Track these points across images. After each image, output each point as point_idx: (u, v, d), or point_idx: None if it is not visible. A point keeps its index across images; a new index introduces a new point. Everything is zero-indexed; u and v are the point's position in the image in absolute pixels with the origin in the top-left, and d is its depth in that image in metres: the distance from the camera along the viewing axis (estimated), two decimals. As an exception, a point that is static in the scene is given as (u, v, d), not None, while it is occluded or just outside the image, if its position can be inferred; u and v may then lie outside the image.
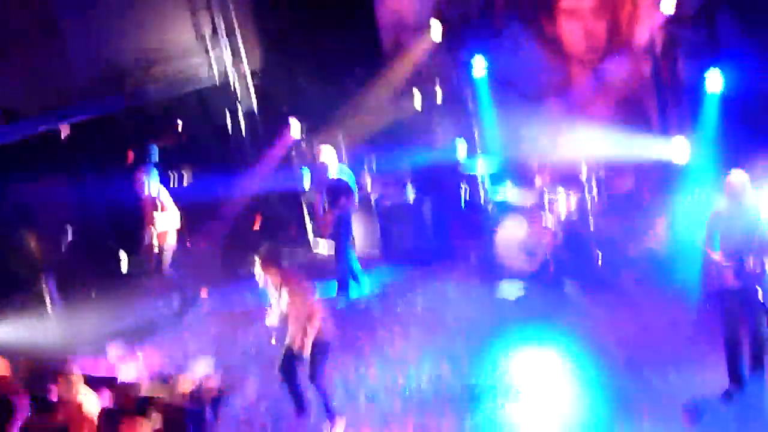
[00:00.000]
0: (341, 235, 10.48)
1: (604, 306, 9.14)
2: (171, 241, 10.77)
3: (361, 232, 12.11)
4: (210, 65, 14.30)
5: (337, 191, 10.43)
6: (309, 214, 12.60)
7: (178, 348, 10.19)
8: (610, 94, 11.07)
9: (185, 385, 9.02)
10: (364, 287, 10.63)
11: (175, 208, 10.78)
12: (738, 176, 6.99)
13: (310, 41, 13.49)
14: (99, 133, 12.90)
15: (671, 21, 10.07)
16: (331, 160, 10.46)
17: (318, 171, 10.86)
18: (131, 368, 9.82)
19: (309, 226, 12.65)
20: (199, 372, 9.35)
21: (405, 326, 9.61)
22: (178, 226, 10.79)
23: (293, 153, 12.64)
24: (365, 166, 12.08)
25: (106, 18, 13.10)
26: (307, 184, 12.35)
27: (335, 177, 10.43)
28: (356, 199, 10.51)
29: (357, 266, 10.66)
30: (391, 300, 10.46)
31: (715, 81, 9.40)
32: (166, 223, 10.65)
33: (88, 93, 13.04)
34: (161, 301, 11.31)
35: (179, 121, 13.90)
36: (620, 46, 10.78)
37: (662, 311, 8.76)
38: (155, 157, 13.66)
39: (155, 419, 6.40)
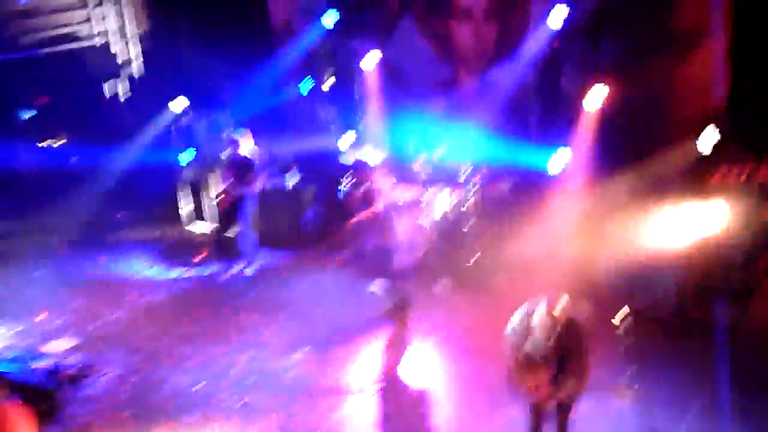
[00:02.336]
0: (244, 214, 10.54)
1: (471, 305, 9.32)
2: None
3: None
4: (92, 24, 13.73)
5: (245, 168, 10.49)
6: (184, 191, 12.31)
7: (36, 322, 9.77)
8: (494, 98, 11.29)
9: (42, 361, 8.74)
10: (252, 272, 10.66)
11: None
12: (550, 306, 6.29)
13: (200, 13, 13.17)
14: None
15: (558, 35, 10.37)
16: (246, 139, 10.57)
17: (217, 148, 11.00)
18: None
19: (182, 203, 12.34)
20: (59, 349, 9.06)
21: (273, 313, 9.54)
22: None
23: (173, 127, 12.29)
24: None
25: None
26: (188, 160, 12.05)
27: (245, 155, 10.51)
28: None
29: (252, 247, 10.74)
30: (261, 285, 10.37)
31: (594, 96, 9.79)
32: None
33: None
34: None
35: (52, 80, 13.27)
36: (508, 53, 11.01)
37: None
38: (24, 116, 13.08)
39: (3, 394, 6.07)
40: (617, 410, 7.19)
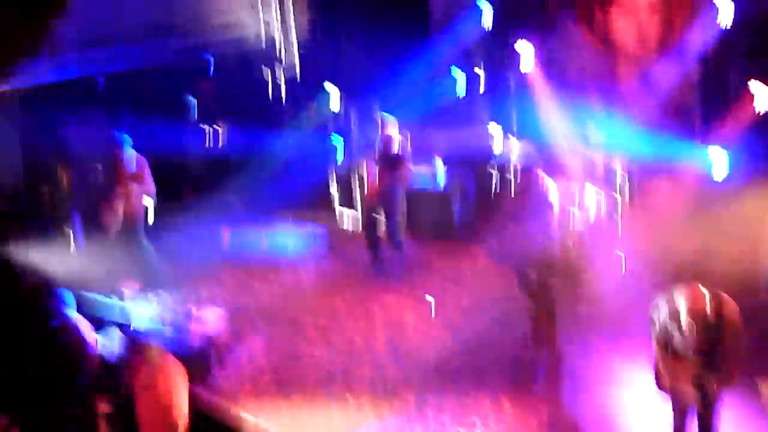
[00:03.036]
0: (395, 204, 10.43)
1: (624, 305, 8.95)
2: (139, 213, 10.32)
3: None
4: (258, 26, 14.30)
5: (397, 162, 10.40)
6: (336, 184, 12.57)
7: (190, 294, 10.21)
8: (655, 95, 10.89)
9: (195, 326, 9.10)
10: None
11: (151, 180, 10.35)
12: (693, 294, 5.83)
13: (360, 12, 13.44)
14: (140, 80, 12.93)
15: (727, 28, 9.89)
16: (394, 128, 10.52)
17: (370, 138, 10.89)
18: (142, 308, 9.89)
19: (335, 196, 12.60)
20: (210, 316, 9.42)
21: (417, 297, 9.55)
22: (152, 200, 10.37)
23: (330, 122, 12.60)
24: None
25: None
26: (340, 154, 12.31)
27: (397, 149, 10.45)
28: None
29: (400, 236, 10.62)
30: (408, 271, 10.42)
31: (763, 95, 9.25)
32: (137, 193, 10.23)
33: (135, 38, 13.08)
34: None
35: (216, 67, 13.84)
36: (672, 47, 10.60)
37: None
38: (192, 111, 13.71)
39: (155, 353, 6.35)
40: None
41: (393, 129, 10.55)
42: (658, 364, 6.06)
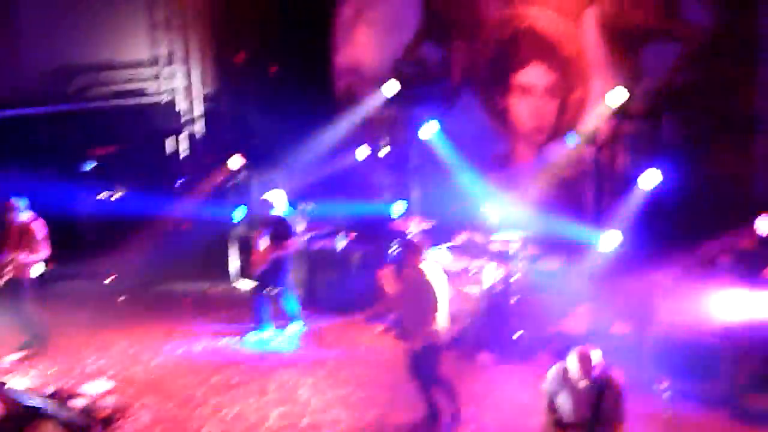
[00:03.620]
0: (282, 274, 10.36)
1: (515, 381, 9.10)
2: (26, 274, 9.83)
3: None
4: (159, 82, 14.21)
5: (282, 230, 10.30)
6: (234, 247, 12.45)
7: (76, 363, 9.83)
8: (550, 174, 11.25)
9: (78, 401, 8.74)
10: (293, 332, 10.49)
11: (46, 241, 9.89)
12: (583, 350, 6.12)
13: (265, 76, 13.54)
14: (32, 133, 12.62)
15: (617, 114, 10.33)
16: (280, 199, 10.43)
17: (261, 207, 10.67)
18: (24, 378, 9.46)
19: (231, 260, 12.47)
20: (94, 390, 9.06)
21: (311, 372, 9.43)
22: (43, 259, 9.90)
23: (230, 185, 12.50)
24: (300, 209, 12.01)
25: (64, 19, 13.00)
26: (240, 218, 12.23)
27: (282, 216, 10.37)
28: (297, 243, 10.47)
29: (293, 307, 10.54)
30: (301, 344, 10.31)
31: (650, 179, 9.67)
32: (30, 254, 9.76)
33: (32, 90, 12.80)
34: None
35: (115, 133, 13.65)
36: (566, 130, 11.00)
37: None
38: (89, 166, 13.43)
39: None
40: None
41: (275, 198, 10.42)
42: (546, 427, 6.22)
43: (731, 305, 8.18)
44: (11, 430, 8.09)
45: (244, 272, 12.33)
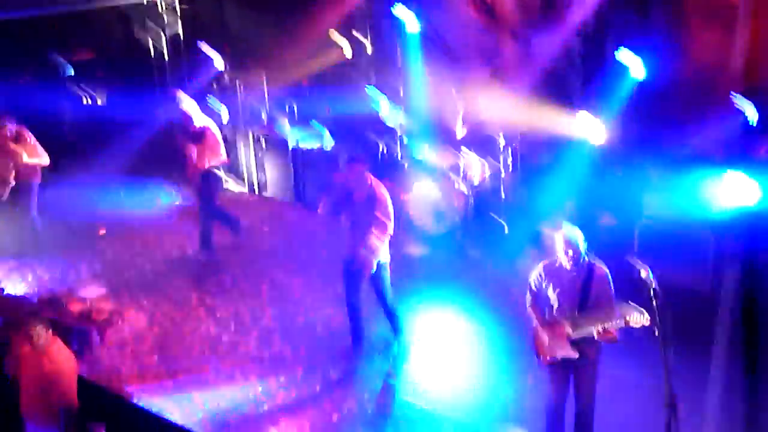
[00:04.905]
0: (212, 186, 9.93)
1: (504, 273, 9.24)
2: (34, 179, 10.05)
3: (274, 176, 12.03)
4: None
5: (200, 138, 9.59)
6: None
7: (72, 268, 9.91)
8: (536, 66, 11.11)
9: (75, 304, 8.86)
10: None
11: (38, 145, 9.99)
12: (569, 232, 6.13)
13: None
14: (7, 36, 12.32)
15: (605, 2, 10.16)
16: (192, 107, 9.75)
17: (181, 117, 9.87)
18: (21, 283, 9.57)
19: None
20: (91, 294, 9.19)
21: (307, 272, 9.53)
22: (44, 163, 10.04)
23: (214, 85, 12.34)
24: (285, 109, 11.92)
25: None
26: (224, 118, 12.13)
27: (202, 125, 9.66)
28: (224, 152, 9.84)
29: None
30: (295, 245, 10.37)
31: (638, 67, 9.57)
32: (29, 157, 9.88)
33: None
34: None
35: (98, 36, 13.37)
36: (553, 20, 10.81)
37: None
38: (68, 71, 13.20)
39: (40, 333, 6.20)
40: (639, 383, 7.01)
41: (189, 104, 9.78)
42: (537, 334, 6.24)
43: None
44: (8, 336, 8.24)
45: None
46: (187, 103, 9.67)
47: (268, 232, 10.79)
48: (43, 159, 9.99)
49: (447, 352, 7.86)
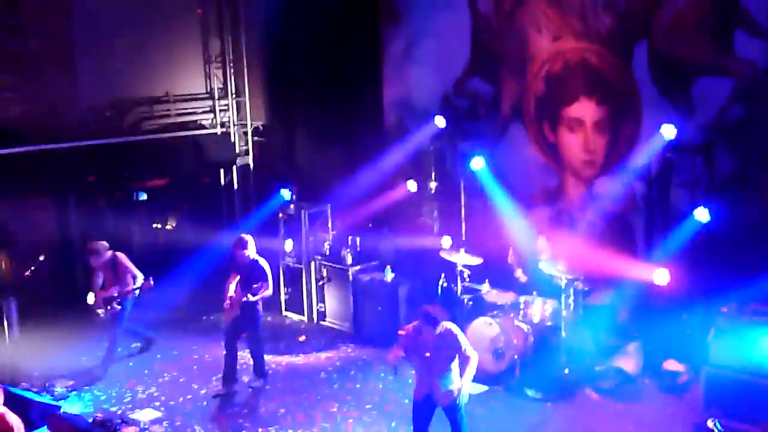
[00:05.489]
0: (257, 319, 9.97)
1: (563, 418, 8.99)
2: (128, 299, 10.52)
3: (335, 305, 12.10)
4: (214, 114, 14.52)
5: (255, 275, 9.77)
6: (284, 280, 12.60)
7: (128, 390, 9.97)
8: (600, 209, 11.16)
9: (129, 428, 8.85)
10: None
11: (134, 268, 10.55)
12: None
13: (315, 107, 13.70)
14: (91, 163, 12.92)
15: (670, 147, 10.24)
16: (251, 243, 9.85)
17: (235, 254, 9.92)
18: (77, 403, 9.63)
19: (282, 292, 12.60)
20: (145, 417, 9.19)
21: (361, 406, 9.41)
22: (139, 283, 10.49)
23: (280, 215, 12.63)
24: (348, 241, 12.11)
25: (121, 52, 13.34)
26: (288, 248, 12.36)
27: (254, 259, 9.83)
28: (271, 287, 9.94)
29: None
30: (349, 377, 10.30)
31: (703, 213, 9.54)
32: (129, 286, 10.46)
33: (88, 121, 13.14)
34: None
35: (170, 165, 13.90)
36: (617, 163, 10.92)
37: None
38: (140, 196, 13.70)
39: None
40: None
41: (251, 244, 9.83)
42: None
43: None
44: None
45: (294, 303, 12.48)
46: (251, 248, 9.82)
47: (324, 360, 10.72)
48: (138, 280, 10.46)
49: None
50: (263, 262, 9.82)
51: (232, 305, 9.71)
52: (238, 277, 9.83)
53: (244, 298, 9.60)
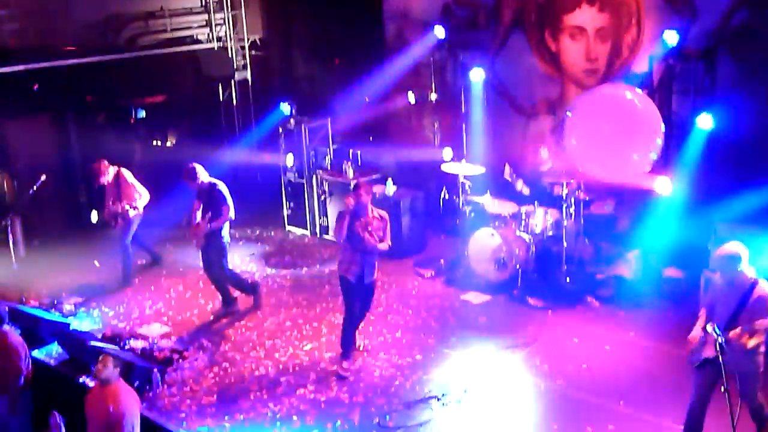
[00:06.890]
0: (223, 248, 9.64)
1: (564, 325, 9.14)
2: (136, 215, 10.66)
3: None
4: (211, 29, 14.29)
5: (212, 199, 9.45)
6: (286, 194, 12.61)
7: (136, 306, 10.13)
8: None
9: (137, 342, 9.03)
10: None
11: (141, 186, 10.70)
12: (731, 248, 6.39)
13: (313, 20, 13.49)
14: (88, 80, 12.80)
15: (672, 54, 10.11)
16: (201, 172, 9.58)
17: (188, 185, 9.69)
18: (86, 320, 9.79)
19: (285, 207, 12.64)
20: (153, 332, 9.35)
21: (366, 319, 9.53)
22: (145, 202, 10.69)
23: (280, 129, 12.57)
24: (349, 155, 12.07)
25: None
26: (290, 163, 12.33)
27: (213, 182, 9.54)
28: (232, 211, 9.53)
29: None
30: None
31: (705, 120, 9.47)
32: (135, 201, 10.62)
33: (83, 38, 12.97)
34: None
35: (167, 81, 13.78)
36: (618, 71, 10.81)
37: (621, 339, 8.78)
38: (139, 113, 13.62)
39: (107, 364, 6.28)
40: None
41: (199, 169, 9.60)
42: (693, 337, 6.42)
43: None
44: (76, 370, 8.42)
45: (296, 218, 12.53)
46: (202, 175, 9.61)
47: (328, 275, 10.83)
48: (144, 197, 10.65)
49: (501, 402, 7.75)
50: (222, 186, 9.52)
51: (198, 235, 9.51)
52: (202, 205, 9.55)
53: (207, 227, 9.39)
